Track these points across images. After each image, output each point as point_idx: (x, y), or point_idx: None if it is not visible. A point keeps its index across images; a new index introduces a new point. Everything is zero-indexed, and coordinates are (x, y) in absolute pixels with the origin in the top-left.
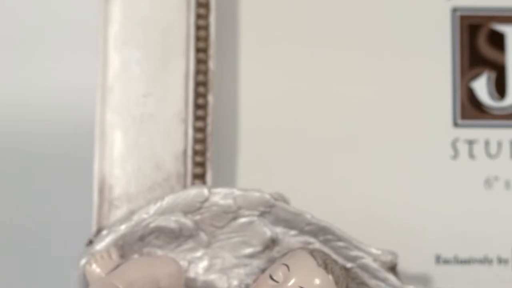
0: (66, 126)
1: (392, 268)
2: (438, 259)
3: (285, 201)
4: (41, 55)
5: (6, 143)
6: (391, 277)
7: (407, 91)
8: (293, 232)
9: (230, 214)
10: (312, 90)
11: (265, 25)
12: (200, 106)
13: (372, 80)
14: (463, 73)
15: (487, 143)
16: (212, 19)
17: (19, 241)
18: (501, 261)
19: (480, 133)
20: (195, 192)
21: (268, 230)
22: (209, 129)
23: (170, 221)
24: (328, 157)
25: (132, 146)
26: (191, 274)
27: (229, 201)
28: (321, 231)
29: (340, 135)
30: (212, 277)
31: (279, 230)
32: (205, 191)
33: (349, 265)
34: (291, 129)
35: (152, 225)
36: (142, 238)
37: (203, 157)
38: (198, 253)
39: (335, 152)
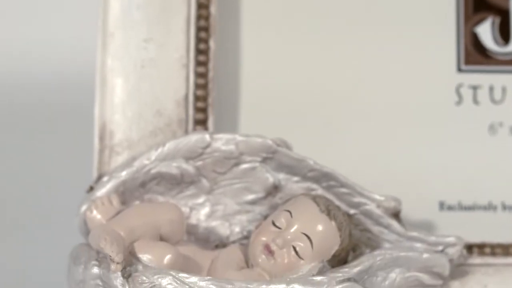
0: (67, 73)
1: (396, 215)
2: (442, 206)
3: (288, 147)
4: (41, 3)
5: (7, 91)
6: (394, 223)
7: (411, 37)
8: (295, 178)
9: (232, 160)
10: (315, 38)
11: None
12: (201, 51)
13: (375, 27)
14: (467, 18)
15: (491, 89)
16: None
17: (21, 187)
18: (506, 207)
19: (484, 79)
20: (196, 137)
21: (270, 176)
22: (211, 74)
23: (172, 167)
24: (330, 104)
25: (133, 92)
26: (193, 220)
27: (231, 147)
28: (324, 177)
29: (343, 85)
30: (214, 223)
31: (281, 176)
32: (206, 136)
33: (352, 211)
34: (294, 74)
35: (153, 171)
36: (143, 184)
37: (204, 103)
38: (200, 200)
39: (337, 100)
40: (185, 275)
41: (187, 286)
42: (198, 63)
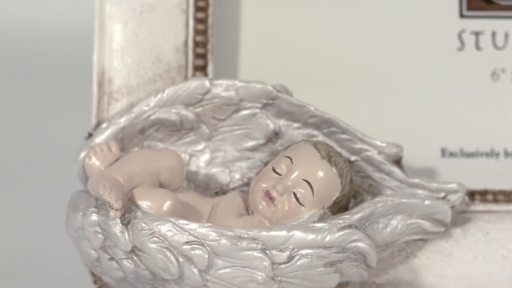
0: (65, 20)
1: (397, 161)
2: (444, 152)
3: (288, 93)
4: None
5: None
6: (396, 170)
7: None
8: (296, 125)
9: (232, 106)
10: None
11: None
12: None
13: None
14: None
15: (493, 35)
16: None
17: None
18: (508, 154)
19: (487, 24)
20: (196, 84)
21: (270, 123)
22: (210, 20)
23: (171, 114)
24: (330, 52)
25: (131, 38)
26: (193, 167)
27: (231, 93)
28: (324, 124)
29: (343, 32)
30: (214, 170)
31: (282, 122)
32: (206, 82)
33: (353, 158)
34: (294, 20)
35: (152, 117)
36: (142, 131)
37: (204, 49)
38: (200, 146)
39: (338, 47)
40: (184, 221)
41: (186, 233)
42: (198, 9)
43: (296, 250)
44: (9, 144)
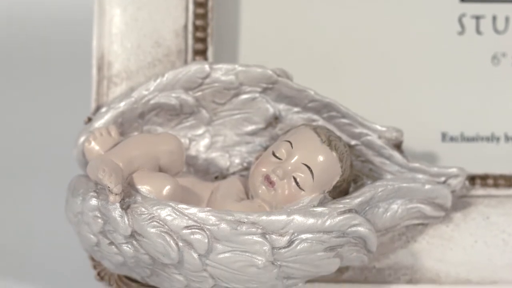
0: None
1: (398, 146)
2: (445, 137)
3: (288, 77)
4: None
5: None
6: (396, 154)
7: None
8: (296, 109)
9: (232, 90)
10: None
11: None
12: None
13: None
14: None
15: (494, 19)
16: None
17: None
18: (508, 138)
19: (487, 8)
20: (196, 68)
21: (270, 107)
22: (210, 4)
23: (171, 98)
24: (330, 36)
25: (131, 22)
26: (192, 152)
27: (231, 77)
28: (325, 108)
29: (344, 17)
30: (214, 155)
31: (282, 106)
32: (206, 67)
33: (353, 142)
34: (294, 5)
35: (152, 101)
36: (142, 115)
37: (204, 33)
38: (199, 131)
39: (338, 31)
40: (184, 206)
41: (186, 217)
42: None
43: (296, 234)
44: (8, 128)
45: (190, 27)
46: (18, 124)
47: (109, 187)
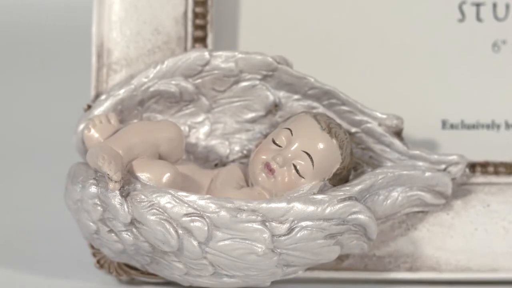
0: None
1: (398, 133)
2: (445, 124)
3: (288, 64)
4: None
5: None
6: (396, 141)
7: None
8: (296, 96)
9: (232, 77)
10: None
11: None
12: None
13: None
14: None
15: (494, 6)
16: None
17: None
18: (509, 126)
19: None
20: (195, 55)
21: (270, 94)
22: None
23: (170, 85)
24: (330, 23)
25: (130, 9)
26: (192, 139)
27: (231, 64)
28: (325, 95)
29: (343, 3)
30: (213, 142)
31: (282, 94)
32: (206, 54)
33: (353, 129)
34: None
35: (151, 89)
36: (141, 102)
37: (204, 20)
38: (199, 118)
39: (337, 18)
40: (184, 193)
41: (186, 205)
42: None
43: (296, 222)
44: (7, 115)
45: (190, 14)
46: (17, 111)
47: (108, 174)
